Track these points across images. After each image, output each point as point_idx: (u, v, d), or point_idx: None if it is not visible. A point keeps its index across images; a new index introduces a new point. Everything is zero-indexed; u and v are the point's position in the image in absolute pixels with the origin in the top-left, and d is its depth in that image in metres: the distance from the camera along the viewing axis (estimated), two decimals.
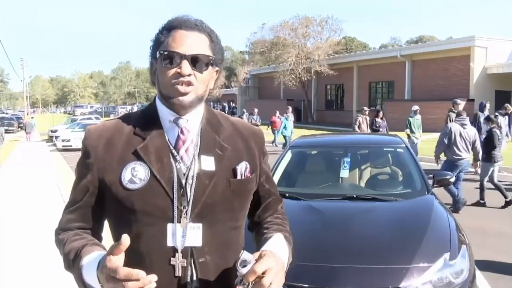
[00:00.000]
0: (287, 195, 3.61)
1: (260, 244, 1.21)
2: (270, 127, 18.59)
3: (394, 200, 3.63)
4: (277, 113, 18.59)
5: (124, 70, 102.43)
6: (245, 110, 22.38)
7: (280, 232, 1.26)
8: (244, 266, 1.02)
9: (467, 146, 6.65)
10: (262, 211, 1.35)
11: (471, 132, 6.75)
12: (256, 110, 19.89)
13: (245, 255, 1.04)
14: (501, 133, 7.78)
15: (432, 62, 24.28)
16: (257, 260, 1.02)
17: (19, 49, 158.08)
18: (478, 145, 6.83)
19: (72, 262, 1.11)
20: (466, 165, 6.75)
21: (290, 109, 17.70)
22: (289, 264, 1.24)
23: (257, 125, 8.93)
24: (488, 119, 8.16)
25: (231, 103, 42.88)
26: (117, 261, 0.96)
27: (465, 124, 6.81)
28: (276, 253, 1.08)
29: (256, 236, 1.32)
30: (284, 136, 16.26)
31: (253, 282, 0.99)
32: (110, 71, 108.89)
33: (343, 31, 33.54)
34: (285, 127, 16.22)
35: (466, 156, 6.66)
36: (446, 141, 6.69)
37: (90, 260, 1.06)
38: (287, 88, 32.78)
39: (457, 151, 6.62)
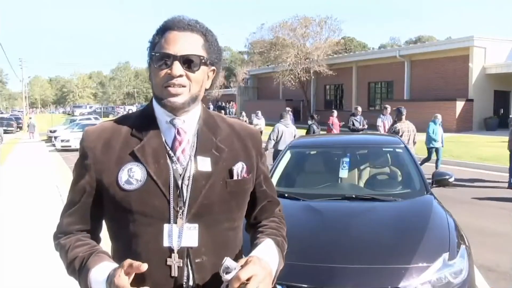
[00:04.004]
0: (286, 195, 3.60)
1: (251, 250, 1.20)
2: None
3: (393, 200, 3.62)
4: (335, 113, 13.74)
5: (123, 71, 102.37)
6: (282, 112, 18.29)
7: (272, 237, 1.25)
8: (228, 273, 1.02)
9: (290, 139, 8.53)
10: (258, 213, 1.35)
11: (291, 129, 8.97)
12: (335, 112, 14.25)
13: (227, 262, 1.04)
14: (317, 127, 10.78)
15: (431, 62, 24.28)
16: (242, 267, 1.02)
17: (18, 49, 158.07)
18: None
19: (79, 271, 1.12)
20: None
21: (439, 116, 10.31)
22: (284, 265, 1.24)
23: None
24: (311, 117, 11.06)
25: (219, 103, 42.72)
26: (125, 279, 0.99)
27: (288, 124, 9.06)
28: (263, 259, 1.08)
29: (251, 239, 1.32)
30: (432, 150, 10.02)
31: None
32: (109, 71, 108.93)
33: (342, 31, 33.47)
34: (432, 135, 10.08)
35: None
36: (274, 136, 8.73)
37: (98, 272, 1.08)
38: (286, 88, 32.75)
39: (284, 144, 8.48)
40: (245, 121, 20.33)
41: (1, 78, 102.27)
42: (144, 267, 0.98)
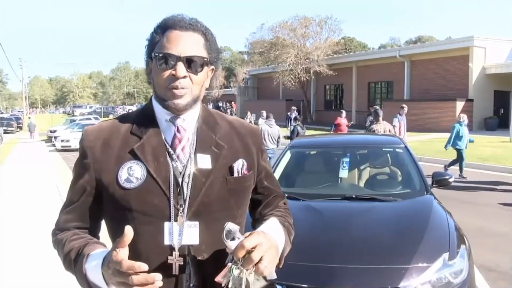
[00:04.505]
0: (286, 195, 3.59)
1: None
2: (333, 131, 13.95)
3: (393, 200, 3.62)
4: (343, 114, 14.62)
5: (123, 71, 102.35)
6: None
7: (278, 218, 1.24)
8: (232, 239, 1.00)
9: (273, 140, 9.41)
10: (263, 208, 1.35)
11: (275, 130, 9.53)
12: (343, 113, 14.81)
13: (229, 225, 1.02)
14: (302, 128, 11.68)
15: (431, 62, 24.29)
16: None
17: (18, 49, 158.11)
18: (281, 139, 9.65)
19: (74, 262, 1.11)
20: (272, 152, 9.14)
21: (464, 117, 10.26)
22: (285, 265, 1.21)
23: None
24: (295, 119, 12.25)
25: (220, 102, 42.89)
26: (122, 254, 0.96)
27: (272, 125, 9.59)
28: (268, 232, 1.06)
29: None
30: (458, 151, 10.00)
31: (243, 259, 0.97)
32: (109, 71, 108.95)
33: (342, 32, 33.54)
34: (458, 136, 9.98)
35: (272, 146, 9.35)
36: None
37: (94, 257, 1.06)
38: (286, 88, 32.75)
39: (265, 143, 9.06)
40: (250, 121, 20.24)
41: (1, 78, 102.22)
42: (129, 230, 0.96)
